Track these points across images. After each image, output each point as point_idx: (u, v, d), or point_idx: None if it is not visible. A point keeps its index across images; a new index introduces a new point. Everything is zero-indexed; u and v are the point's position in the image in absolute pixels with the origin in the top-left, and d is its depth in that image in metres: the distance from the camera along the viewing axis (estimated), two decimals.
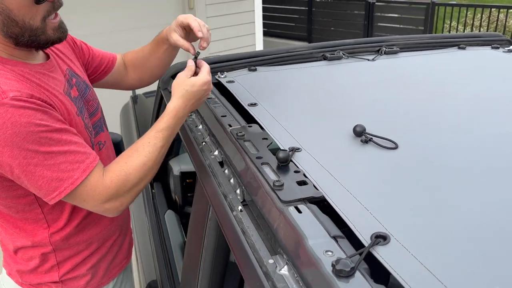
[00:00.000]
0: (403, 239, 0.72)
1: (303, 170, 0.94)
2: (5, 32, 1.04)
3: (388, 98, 1.37)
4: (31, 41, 1.07)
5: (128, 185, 1.11)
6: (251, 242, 0.83)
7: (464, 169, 0.95)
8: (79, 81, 1.27)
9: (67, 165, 1.03)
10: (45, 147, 1.00)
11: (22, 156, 0.99)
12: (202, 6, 5.29)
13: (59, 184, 1.03)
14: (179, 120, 1.19)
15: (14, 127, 0.96)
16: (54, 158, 1.02)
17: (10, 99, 0.97)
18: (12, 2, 1.00)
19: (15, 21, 1.02)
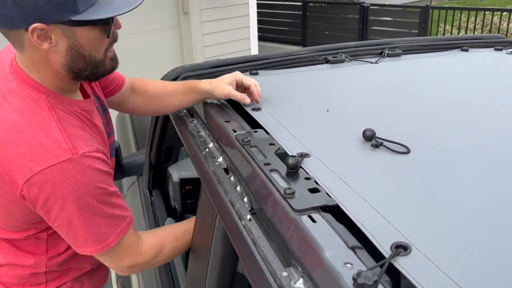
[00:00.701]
0: (425, 249, 0.69)
1: (314, 176, 0.91)
2: (70, 68, 1.03)
3: (394, 101, 1.34)
4: (92, 74, 1.08)
5: (158, 258, 1.21)
6: (262, 253, 0.79)
7: (480, 173, 0.91)
8: (98, 105, 1.26)
9: (106, 228, 1.06)
10: (94, 209, 1.03)
11: (71, 212, 1.01)
12: (197, 11, 5.26)
13: (93, 243, 1.06)
14: None
15: (75, 185, 0.98)
16: (97, 220, 1.04)
17: (80, 156, 0.99)
18: (84, 37, 1.00)
19: (83, 56, 1.02)
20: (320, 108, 1.29)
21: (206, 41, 5.43)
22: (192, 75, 1.58)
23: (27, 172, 0.97)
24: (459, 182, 0.88)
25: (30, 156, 0.97)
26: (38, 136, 0.98)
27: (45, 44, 0.97)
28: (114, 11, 0.98)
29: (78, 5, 0.94)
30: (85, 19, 0.95)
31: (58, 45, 0.99)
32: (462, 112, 1.24)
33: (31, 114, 1.00)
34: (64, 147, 0.98)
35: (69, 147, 0.98)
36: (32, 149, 0.97)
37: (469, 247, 0.70)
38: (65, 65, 1.02)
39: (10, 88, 1.03)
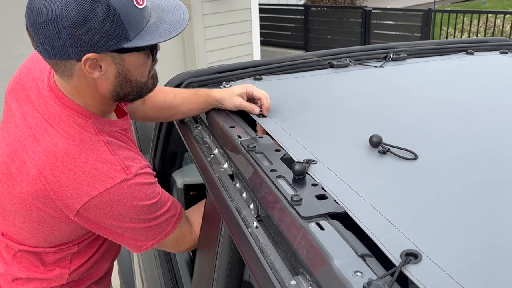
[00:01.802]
0: (435, 256, 0.68)
1: (321, 183, 0.90)
2: (117, 93, 1.05)
3: (400, 106, 1.33)
4: (136, 97, 1.10)
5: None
6: (270, 261, 0.78)
7: (489, 179, 0.90)
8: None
9: (164, 222, 1.12)
10: (151, 215, 1.08)
11: (131, 222, 1.06)
12: (199, 16, 5.27)
13: (153, 237, 1.12)
14: None
15: (133, 200, 1.03)
16: (155, 221, 1.10)
17: (133, 175, 1.03)
18: (132, 63, 1.01)
19: (130, 81, 1.04)
20: (325, 113, 1.29)
21: (208, 46, 5.44)
22: (196, 81, 1.57)
23: (83, 197, 0.99)
24: (468, 189, 0.87)
25: (86, 181, 0.99)
26: (91, 161, 1.00)
27: (95, 72, 0.98)
28: (163, 35, 0.99)
29: (129, 33, 0.95)
30: (136, 45, 0.96)
31: (107, 73, 1.00)
32: (468, 117, 1.22)
33: (80, 139, 1.02)
34: (118, 169, 1.02)
35: (123, 168, 1.02)
36: (87, 173, 0.99)
37: (480, 255, 0.68)
38: (112, 91, 1.04)
39: (53, 113, 1.03)
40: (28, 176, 1.01)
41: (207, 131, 1.35)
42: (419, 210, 0.80)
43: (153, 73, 1.12)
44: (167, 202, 1.14)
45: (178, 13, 1.03)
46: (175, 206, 1.17)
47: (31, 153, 1.02)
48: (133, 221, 1.06)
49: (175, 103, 1.40)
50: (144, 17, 0.98)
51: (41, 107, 1.05)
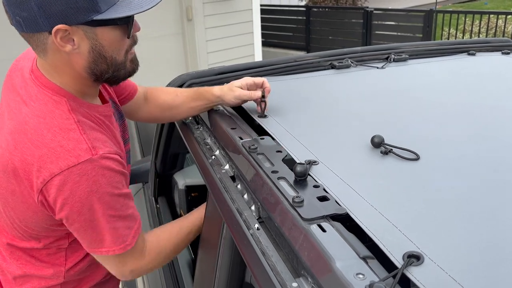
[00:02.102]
0: (438, 258, 0.67)
1: (323, 184, 0.89)
2: (92, 70, 1.04)
3: (401, 107, 1.32)
4: (113, 77, 1.09)
5: (156, 265, 1.19)
6: (271, 263, 0.78)
7: (492, 179, 0.90)
8: (115, 111, 1.26)
9: (123, 230, 1.06)
10: (111, 210, 1.02)
11: (89, 214, 1.00)
12: (201, 17, 5.28)
13: (109, 245, 1.05)
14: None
15: (93, 185, 0.98)
16: (115, 222, 1.04)
17: (99, 157, 0.98)
18: (106, 38, 1.01)
19: (105, 58, 1.03)
20: (326, 114, 1.28)
21: (210, 47, 5.44)
22: (198, 82, 1.57)
23: (46, 174, 0.96)
24: (470, 189, 0.87)
25: (50, 158, 0.96)
26: (58, 138, 0.98)
27: (67, 46, 0.98)
28: (134, 9, 0.98)
29: (99, 5, 0.95)
30: (107, 18, 0.96)
31: (81, 47, 0.99)
32: (470, 117, 1.22)
33: (51, 116, 1.00)
34: (84, 148, 0.98)
35: (89, 148, 0.98)
36: (52, 150, 0.97)
37: (482, 256, 0.68)
38: (87, 68, 1.03)
39: (30, 93, 1.04)
40: (0, 153, 1.02)
41: (208, 132, 1.34)
42: (421, 211, 0.80)
43: (133, 57, 1.11)
44: (132, 208, 1.09)
45: None
46: (136, 213, 1.12)
47: (5, 132, 1.03)
48: (93, 212, 1.00)
49: (177, 102, 1.40)
50: None
51: (22, 91, 1.05)
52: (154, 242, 1.17)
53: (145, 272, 1.19)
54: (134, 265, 1.13)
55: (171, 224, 1.28)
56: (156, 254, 1.17)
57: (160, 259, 1.19)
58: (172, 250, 1.22)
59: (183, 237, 1.23)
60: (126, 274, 1.15)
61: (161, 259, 1.19)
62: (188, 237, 1.25)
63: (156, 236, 1.20)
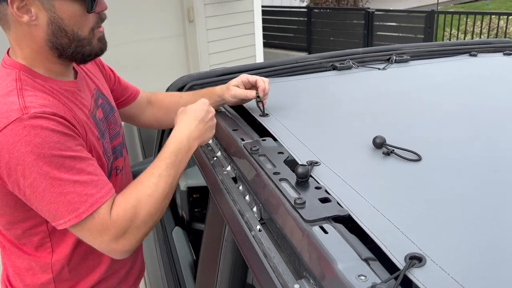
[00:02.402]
0: (440, 259, 0.67)
1: (324, 185, 0.89)
2: (53, 43, 1.02)
3: (403, 108, 1.32)
4: (77, 53, 1.06)
5: (136, 220, 1.01)
6: (273, 265, 0.78)
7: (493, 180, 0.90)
8: (104, 103, 1.24)
9: (74, 196, 0.97)
10: (55, 172, 0.95)
11: (33, 178, 0.94)
12: (202, 19, 5.28)
13: (63, 214, 0.97)
14: (182, 146, 1.10)
15: (28, 146, 0.93)
16: (62, 187, 0.96)
17: (29, 116, 0.93)
18: (65, 11, 1.00)
19: (65, 31, 1.01)
20: (328, 115, 1.28)
21: (211, 49, 5.44)
22: (199, 83, 1.57)
23: None
24: (472, 190, 0.87)
25: None
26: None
27: (25, 16, 0.98)
28: None
29: None
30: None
31: (39, 19, 0.99)
32: (472, 118, 1.22)
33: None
34: (15, 108, 0.94)
35: (20, 108, 0.94)
36: None
37: (484, 257, 0.68)
38: (47, 41, 1.02)
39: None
40: None
41: None
42: (423, 212, 0.80)
43: (101, 35, 1.10)
44: (91, 175, 0.99)
45: None
46: (100, 180, 1.01)
47: None
48: (31, 177, 0.94)
49: (181, 103, 1.39)
50: None
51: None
52: (121, 203, 1.02)
53: (136, 239, 1.03)
54: (111, 234, 0.99)
55: (139, 177, 1.10)
56: (131, 212, 1.01)
57: (139, 217, 1.02)
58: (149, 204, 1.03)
59: (152, 184, 1.05)
60: (113, 247, 1.01)
61: (141, 216, 1.02)
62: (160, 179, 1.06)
63: (121, 195, 1.04)
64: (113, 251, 1.03)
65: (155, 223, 1.08)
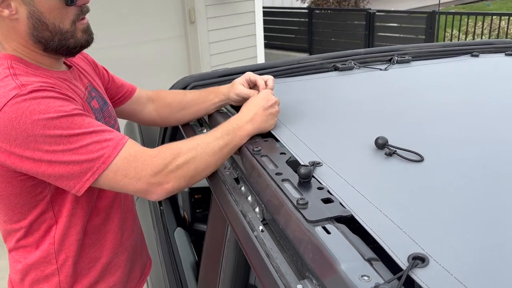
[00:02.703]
0: (443, 260, 0.67)
1: (327, 186, 0.89)
2: (35, 37, 1.03)
3: (405, 108, 1.32)
4: (61, 46, 1.07)
5: (178, 160, 1.03)
6: (276, 265, 0.78)
7: (496, 181, 0.89)
8: (98, 96, 1.25)
9: (95, 145, 0.98)
10: (67, 131, 0.96)
11: (47, 143, 0.95)
12: (203, 20, 5.28)
13: (89, 166, 0.97)
14: (234, 126, 1.14)
15: (33, 115, 0.93)
16: (80, 140, 0.97)
17: (28, 91, 0.95)
18: (43, 5, 1.00)
19: (46, 24, 1.02)
20: (330, 116, 1.28)
21: (212, 50, 5.45)
22: (201, 84, 1.57)
23: None
24: (475, 191, 0.86)
25: None
26: None
27: (5, 11, 0.99)
28: None
29: None
30: None
31: (19, 13, 1.00)
32: (474, 119, 1.22)
33: None
34: (12, 87, 0.95)
35: (17, 86, 0.96)
36: None
37: (488, 258, 0.68)
38: (30, 34, 1.03)
39: None
40: None
41: None
42: (426, 213, 0.80)
43: (85, 27, 1.10)
44: (91, 124, 1.00)
45: None
46: (114, 132, 1.03)
47: None
48: (45, 143, 0.95)
49: (186, 100, 1.41)
50: None
51: None
52: (167, 145, 1.08)
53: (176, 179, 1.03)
54: (149, 168, 1.00)
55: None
56: (173, 153, 1.04)
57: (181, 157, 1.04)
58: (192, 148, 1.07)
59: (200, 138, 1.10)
60: (153, 182, 1.01)
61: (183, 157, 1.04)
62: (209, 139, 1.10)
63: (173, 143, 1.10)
64: (152, 188, 1.02)
65: (199, 177, 1.08)
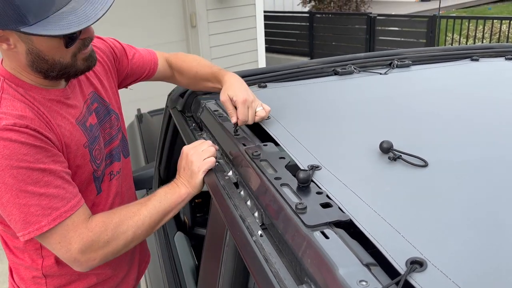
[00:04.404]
0: (441, 264, 0.67)
1: (326, 190, 0.89)
2: (35, 68, 1.03)
3: (405, 113, 1.32)
4: (61, 74, 1.07)
5: (111, 236, 1.05)
6: (274, 270, 0.78)
7: (498, 186, 0.89)
8: (100, 107, 1.24)
9: (37, 209, 0.98)
10: (20, 184, 0.96)
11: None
12: (205, 24, 5.29)
13: (25, 226, 0.99)
14: (171, 188, 1.19)
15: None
16: (26, 198, 0.97)
17: (0, 128, 0.95)
18: (43, 44, 1.00)
19: (45, 60, 1.02)
20: (329, 120, 1.28)
21: (214, 54, 5.46)
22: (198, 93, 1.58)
23: None
24: (476, 196, 0.86)
25: None
26: None
27: (4, 45, 1.00)
28: (63, 29, 0.95)
29: (28, 18, 0.93)
30: (33, 32, 0.94)
31: (18, 48, 1.00)
32: (474, 123, 1.22)
33: None
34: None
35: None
36: None
37: (486, 262, 0.68)
38: (29, 66, 1.03)
39: None
40: None
41: (211, 138, 1.35)
42: (425, 217, 0.80)
43: (86, 56, 1.09)
44: (55, 182, 1.00)
45: (97, 6, 0.98)
46: (68, 193, 1.02)
47: None
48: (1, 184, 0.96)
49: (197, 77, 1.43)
50: (53, 3, 0.95)
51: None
52: (100, 216, 1.07)
53: (103, 255, 1.06)
54: (79, 241, 1.02)
55: (127, 205, 1.16)
56: (103, 226, 1.05)
57: (109, 234, 1.05)
58: (124, 227, 1.08)
59: (140, 219, 1.11)
60: (78, 257, 1.03)
61: (111, 233, 1.06)
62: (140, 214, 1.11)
63: (106, 213, 1.10)
64: (77, 262, 1.04)
65: (125, 249, 1.11)
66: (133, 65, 1.41)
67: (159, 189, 1.20)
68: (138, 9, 4.80)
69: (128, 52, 1.41)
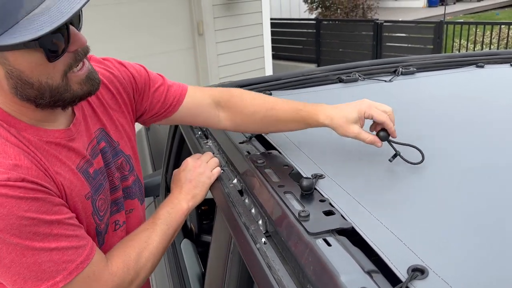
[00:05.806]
0: (442, 271, 0.68)
1: (329, 198, 0.90)
2: (21, 96, 0.86)
3: (409, 120, 1.33)
4: (55, 101, 0.89)
5: (127, 277, 0.97)
6: (277, 277, 0.78)
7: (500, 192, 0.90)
8: (107, 147, 1.07)
9: (50, 265, 0.86)
10: (26, 242, 0.83)
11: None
12: (211, 32, 5.33)
13: (36, 284, 0.85)
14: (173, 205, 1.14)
15: None
16: (35, 256, 0.84)
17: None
18: (21, 63, 0.82)
19: (30, 83, 0.84)
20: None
21: (221, 61, 5.50)
22: None
23: None
24: (478, 203, 0.87)
25: None
26: None
27: None
28: (32, 32, 0.76)
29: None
30: (2, 44, 0.76)
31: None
32: (478, 130, 1.22)
33: None
34: None
35: None
36: None
37: (489, 271, 0.68)
38: (13, 94, 0.86)
39: None
40: None
41: (217, 146, 1.36)
42: (427, 225, 0.80)
43: (81, 79, 0.90)
44: (65, 232, 0.88)
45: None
46: (81, 241, 0.91)
47: None
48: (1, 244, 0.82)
49: (272, 117, 1.21)
50: (21, 6, 0.77)
51: None
52: (117, 256, 0.99)
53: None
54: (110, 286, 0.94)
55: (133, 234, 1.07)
56: (125, 267, 0.98)
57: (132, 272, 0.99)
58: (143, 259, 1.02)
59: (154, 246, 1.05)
60: None
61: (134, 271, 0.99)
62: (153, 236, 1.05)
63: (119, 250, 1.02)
64: None
65: (146, 279, 1.06)
66: (153, 98, 1.19)
67: (160, 209, 1.12)
68: (144, 17, 4.84)
69: (153, 81, 1.20)
